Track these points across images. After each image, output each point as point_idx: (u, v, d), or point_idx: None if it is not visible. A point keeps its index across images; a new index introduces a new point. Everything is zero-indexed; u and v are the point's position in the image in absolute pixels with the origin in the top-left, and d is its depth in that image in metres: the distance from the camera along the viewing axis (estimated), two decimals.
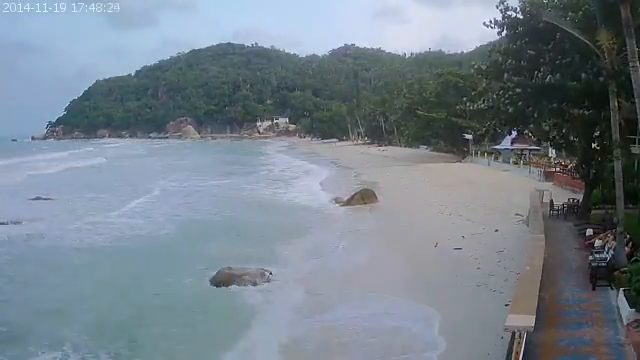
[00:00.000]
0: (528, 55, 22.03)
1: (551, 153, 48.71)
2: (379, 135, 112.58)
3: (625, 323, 11.99)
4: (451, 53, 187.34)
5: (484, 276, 18.18)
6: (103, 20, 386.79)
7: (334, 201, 37.82)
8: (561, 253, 18.56)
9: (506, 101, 23.15)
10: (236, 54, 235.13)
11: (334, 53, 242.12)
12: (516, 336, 10.13)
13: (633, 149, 23.48)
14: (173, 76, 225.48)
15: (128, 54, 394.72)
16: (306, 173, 62.55)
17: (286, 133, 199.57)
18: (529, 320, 10.25)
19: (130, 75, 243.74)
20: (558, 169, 40.47)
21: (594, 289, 14.55)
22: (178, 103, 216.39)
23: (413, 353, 13.22)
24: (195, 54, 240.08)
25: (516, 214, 27.47)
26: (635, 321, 11.77)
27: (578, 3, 20.57)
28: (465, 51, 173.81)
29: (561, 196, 28.56)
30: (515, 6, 22.74)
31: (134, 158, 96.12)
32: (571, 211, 25.41)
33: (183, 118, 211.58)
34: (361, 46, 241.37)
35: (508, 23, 23.00)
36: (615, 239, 16.58)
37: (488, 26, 23.48)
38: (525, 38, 22.33)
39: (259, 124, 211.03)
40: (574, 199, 27.14)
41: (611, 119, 17.22)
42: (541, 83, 21.06)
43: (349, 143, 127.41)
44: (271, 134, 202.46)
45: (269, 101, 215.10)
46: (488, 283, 17.44)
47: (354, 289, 18.00)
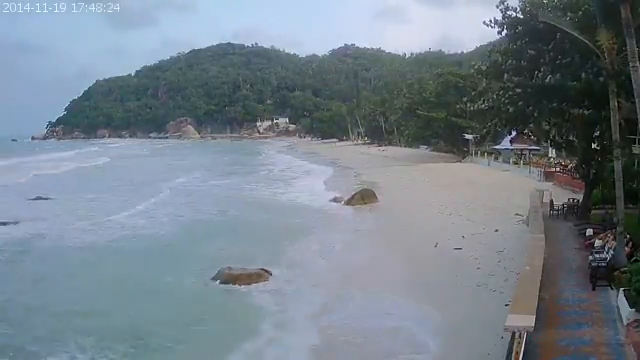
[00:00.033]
0: (528, 55, 22.05)
1: (551, 153, 48.73)
2: (379, 135, 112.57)
3: (625, 323, 11.99)
4: (451, 53, 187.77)
5: (484, 276, 18.19)
6: (103, 20, 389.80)
7: (334, 201, 37.82)
8: (561, 253, 18.56)
9: (506, 101, 23.13)
10: (236, 54, 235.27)
11: (334, 53, 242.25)
12: (516, 336, 10.14)
13: (633, 149, 23.47)
14: (173, 76, 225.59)
15: (128, 54, 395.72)
16: (306, 173, 62.49)
17: (286, 133, 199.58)
18: (529, 320, 10.26)
19: (130, 75, 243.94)
20: (558, 169, 40.47)
21: (594, 289, 14.56)
22: (178, 103, 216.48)
23: (413, 354, 13.21)
24: (195, 54, 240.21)
25: (516, 214, 27.47)
26: (635, 321, 11.77)
27: (578, 3, 20.58)
28: (465, 51, 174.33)
29: (561, 196, 28.56)
30: (515, 6, 22.81)
31: (139, 158, 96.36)
32: (571, 211, 25.41)
33: (183, 118, 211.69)
34: (361, 46, 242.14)
35: (508, 23, 23.02)
36: (615, 239, 16.59)
37: (488, 26, 23.54)
38: (525, 38, 22.34)
39: (259, 124, 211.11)
40: (574, 199, 27.14)
41: (611, 119, 17.23)
42: (541, 83, 21.07)
43: (349, 143, 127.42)
44: (271, 134, 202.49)
45: (269, 101, 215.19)
46: (488, 283, 17.45)
47: (354, 289, 17.96)
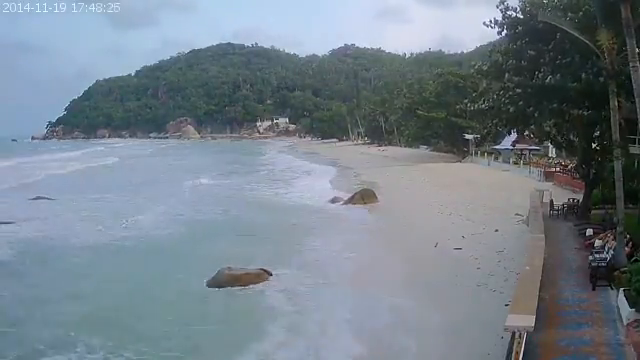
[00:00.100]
0: (528, 55, 22.04)
1: (551, 153, 48.72)
2: (379, 135, 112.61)
3: (625, 323, 11.99)
4: (451, 53, 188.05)
5: (484, 276, 18.18)
6: (103, 20, 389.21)
7: (334, 201, 37.80)
8: (561, 253, 18.56)
9: (507, 101, 23.15)
10: (236, 54, 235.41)
11: (334, 53, 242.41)
12: (516, 336, 10.14)
13: (633, 149, 23.48)
14: (173, 76, 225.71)
15: (128, 54, 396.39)
16: (306, 173, 62.44)
17: (286, 133, 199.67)
18: (529, 320, 10.26)
19: (130, 75, 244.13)
20: (558, 169, 40.48)
21: (594, 289, 14.56)
22: (178, 103, 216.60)
23: (413, 354, 13.20)
24: (195, 54, 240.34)
25: (516, 214, 27.47)
26: (635, 321, 11.77)
27: (578, 3, 20.58)
28: (465, 51, 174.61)
29: (561, 196, 28.56)
30: (515, 6, 22.81)
31: (146, 158, 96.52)
32: (571, 211, 25.40)
33: (183, 118, 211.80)
34: (361, 46, 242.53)
35: (508, 23, 23.02)
36: (615, 239, 16.59)
37: (488, 26, 23.54)
38: (525, 38, 22.34)
39: (259, 124, 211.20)
40: (574, 199, 27.14)
41: (611, 119, 17.24)
42: (541, 83, 21.08)
43: (349, 143, 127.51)
44: (271, 134, 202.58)
45: (269, 101, 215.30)
46: (488, 283, 17.44)
47: (354, 289, 17.97)
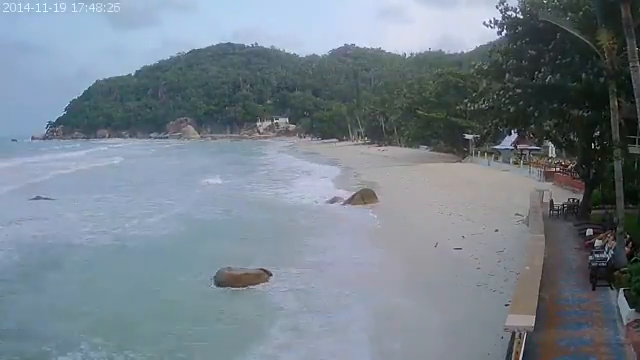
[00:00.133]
0: (528, 55, 22.03)
1: (551, 153, 48.69)
2: (379, 135, 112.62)
3: (625, 323, 11.99)
4: (451, 53, 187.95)
5: (484, 276, 18.18)
6: (103, 20, 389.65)
7: (334, 201, 37.78)
8: (561, 253, 18.55)
9: (507, 101, 23.13)
10: (236, 54, 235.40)
11: (334, 53, 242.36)
12: (516, 336, 10.13)
13: (633, 149, 23.47)
14: (173, 76, 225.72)
15: (128, 54, 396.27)
16: (306, 173, 62.46)
17: (286, 133, 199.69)
18: (529, 320, 10.25)
19: (130, 75, 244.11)
20: (558, 169, 40.47)
21: (594, 289, 14.55)
22: (178, 103, 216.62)
23: (413, 354, 13.20)
24: (195, 54, 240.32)
25: (516, 214, 27.46)
26: (635, 321, 11.76)
27: (578, 3, 20.55)
28: (465, 51, 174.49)
29: (561, 196, 28.54)
30: (515, 6, 22.80)
31: (150, 158, 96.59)
32: (571, 211, 25.38)
33: (183, 118, 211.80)
34: (361, 46, 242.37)
35: (508, 23, 23.02)
36: (615, 239, 16.58)
37: (488, 26, 23.55)
38: (525, 38, 22.33)
39: (259, 124, 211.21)
40: (574, 199, 27.12)
41: (611, 119, 17.23)
42: (541, 83, 21.06)
43: (349, 143, 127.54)
44: (271, 134, 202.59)
45: (269, 101, 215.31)
46: (488, 283, 17.44)
47: (353, 289, 17.96)
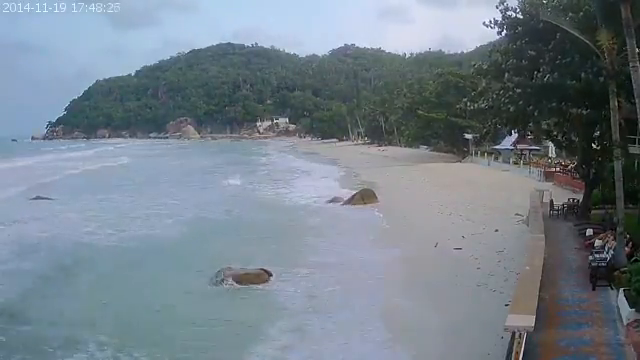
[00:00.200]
0: (528, 55, 22.03)
1: (551, 153, 48.65)
2: (379, 135, 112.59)
3: (625, 323, 11.99)
4: (451, 53, 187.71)
5: (484, 276, 18.18)
6: (103, 20, 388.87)
7: (334, 201, 37.80)
8: (561, 253, 18.55)
9: (506, 100, 23.13)
10: (236, 54, 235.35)
11: (334, 53, 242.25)
12: (516, 336, 10.12)
13: (633, 149, 23.48)
14: (173, 76, 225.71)
15: (128, 54, 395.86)
16: (306, 173, 62.44)
17: (286, 133, 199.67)
18: (529, 320, 10.24)
19: (130, 75, 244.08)
20: (558, 169, 40.48)
21: (594, 289, 14.55)
22: (178, 103, 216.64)
23: (413, 354, 13.20)
24: (195, 54, 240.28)
25: (516, 214, 27.46)
26: (635, 321, 11.76)
27: (578, 3, 20.56)
28: (465, 51, 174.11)
29: (561, 196, 28.54)
30: (515, 6, 22.79)
31: (156, 157, 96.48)
32: (571, 211, 25.38)
33: (183, 118, 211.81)
34: (361, 46, 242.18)
35: (508, 23, 23.02)
36: (615, 239, 16.58)
37: (488, 26, 23.54)
38: (525, 38, 22.33)
39: (259, 124, 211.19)
40: (574, 199, 27.13)
41: (611, 119, 17.23)
42: (541, 82, 21.07)
43: (349, 143, 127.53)
44: (271, 134, 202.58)
45: (269, 101, 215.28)
46: (488, 283, 17.44)
47: (353, 289, 17.95)
